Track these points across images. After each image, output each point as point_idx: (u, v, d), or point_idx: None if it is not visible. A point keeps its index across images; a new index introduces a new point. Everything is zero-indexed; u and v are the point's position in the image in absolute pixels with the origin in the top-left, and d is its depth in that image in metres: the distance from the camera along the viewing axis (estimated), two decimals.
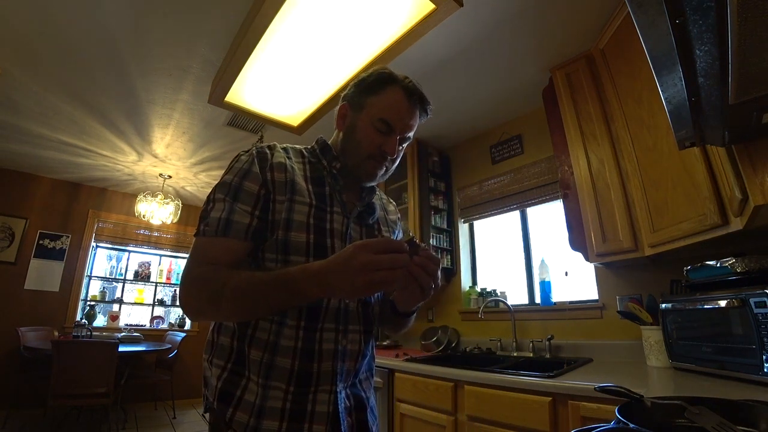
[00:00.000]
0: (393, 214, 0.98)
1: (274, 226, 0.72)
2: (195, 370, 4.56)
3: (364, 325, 0.79)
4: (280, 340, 0.70)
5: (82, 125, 2.87)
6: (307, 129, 2.59)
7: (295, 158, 0.81)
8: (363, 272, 0.57)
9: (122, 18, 1.79)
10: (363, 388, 0.80)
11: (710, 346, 1.24)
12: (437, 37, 1.82)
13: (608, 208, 1.69)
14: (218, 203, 0.71)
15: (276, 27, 1.69)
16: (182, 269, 0.80)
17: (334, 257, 0.61)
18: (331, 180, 0.81)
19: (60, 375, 2.66)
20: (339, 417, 0.71)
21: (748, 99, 0.68)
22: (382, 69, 0.82)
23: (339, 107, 0.85)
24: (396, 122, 0.78)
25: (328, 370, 0.72)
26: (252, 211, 0.71)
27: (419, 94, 0.80)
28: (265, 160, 0.76)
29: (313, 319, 0.72)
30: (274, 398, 0.68)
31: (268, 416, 0.67)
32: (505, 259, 2.64)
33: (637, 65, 1.50)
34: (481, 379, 1.56)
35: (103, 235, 4.39)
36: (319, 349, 0.71)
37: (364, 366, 0.81)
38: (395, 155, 0.80)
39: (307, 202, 0.75)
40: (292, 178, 0.75)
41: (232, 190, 0.72)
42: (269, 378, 0.69)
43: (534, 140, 2.45)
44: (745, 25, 0.52)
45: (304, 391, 0.69)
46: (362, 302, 0.79)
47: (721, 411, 0.58)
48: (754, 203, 0.99)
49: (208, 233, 0.70)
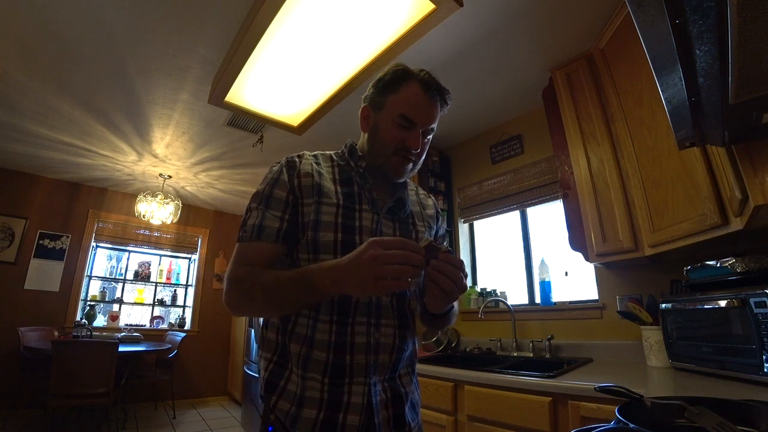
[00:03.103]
0: (431, 209, 0.98)
1: (304, 228, 0.77)
2: (195, 370, 4.56)
3: (398, 320, 0.81)
4: (315, 334, 0.74)
5: (82, 125, 2.87)
6: (307, 129, 2.59)
7: (324, 163, 0.86)
8: (372, 266, 0.58)
9: (122, 18, 1.79)
10: (402, 383, 0.81)
11: (710, 346, 1.24)
12: (437, 37, 1.82)
13: (608, 208, 1.69)
14: (253, 211, 0.79)
15: (276, 27, 1.69)
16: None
17: (349, 254, 0.63)
18: (360, 179, 0.84)
19: (60, 375, 2.66)
20: (373, 409, 0.73)
21: (748, 99, 0.68)
22: (397, 66, 0.83)
23: (361, 109, 0.87)
24: (416, 116, 0.79)
25: (361, 362, 0.74)
26: (282, 215, 0.77)
27: (436, 85, 0.81)
28: (293, 168, 0.81)
29: (344, 314, 0.75)
30: (311, 389, 0.72)
31: (307, 405, 0.72)
32: (505, 259, 2.64)
33: (637, 65, 1.50)
34: (481, 379, 1.56)
35: (103, 235, 4.39)
36: (351, 342, 0.74)
37: (403, 360, 0.82)
38: (419, 148, 0.82)
39: (334, 203, 0.79)
40: (318, 182, 0.80)
41: (264, 198, 0.79)
42: (307, 370, 0.73)
43: (534, 140, 2.45)
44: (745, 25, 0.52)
45: (338, 383, 0.73)
46: (397, 297, 0.81)
47: (721, 411, 0.58)
48: (754, 203, 1.00)
49: (245, 239, 0.77)
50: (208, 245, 5.03)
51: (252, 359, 3.41)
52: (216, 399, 4.61)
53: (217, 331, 4.82)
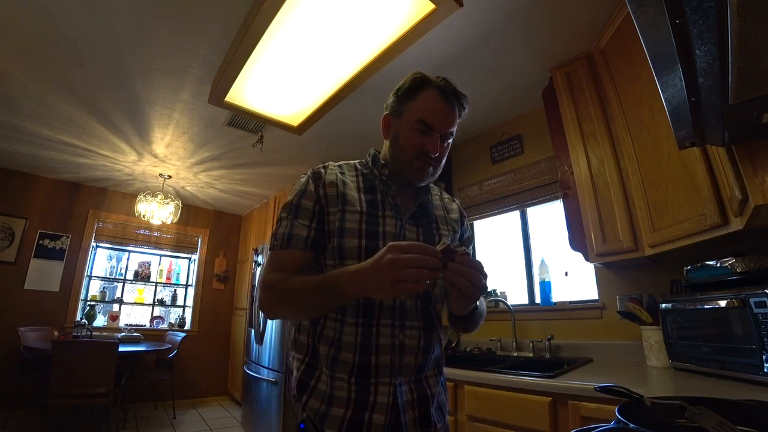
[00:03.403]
0: (455, 213, 1.00)
1: (330, 235, 0.81)
2: (195, 370, 4.56)
3: (423, 322, 0.83)
4: (342, 337, 0.78)
5: (82, 125, 2.87)
6: (307, 129, 2.59)
7: (348, 172, 0.90)
8: (389, 270, 0.61)
9: (122, 18, 1.79)
10: (429, 384, 0.83)
11: (710, 346, 1.24)
12: (437, 37, 1.82)
13: (608, 208, 1.69)
14: (283, 221, 0.84)
15: (276, 27, 1.69)
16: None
17: (370, 258, 0.67)
18: (383, 186, 0.88)
19: (60, 375, 2.66)
20: (398, 409, 0.75)
21: (748, 99, 0.68)
22: (415, 74, 0.87)
23: (382, 117, 0.91)
24: (434, 121, 0.82)
25: (386, 363, 0.77)
26: (309, 224, 0.82)
27: (453, 91, 0.84)
28: (319, 179, 0.85)
29: (369, 316, 0.78)
30: (339, 388, 0.76)
31: (336, 404, 0.75)
32: (505, 259, 2.64)
33: (638, 65, 1.50)
34: (481, 379, 1.56)
35: (103, 235, 4.39)
36: (377, 344, 0.77)
37: (429, 362, 0.84)
38: (438, 152, 0.84)
39: (357, 210, 0.82)
40: (343, 191, 0.84)
41: (293, 208, 0.84)
42: (335, 370, 0.77)
43: (534, 140, 2.45)
44: (745, 25, 0.52)
45: (365, 383, 0.76)
46: (422, 300, 0.84)
47: (721, 411, 0.58)
48: (754, 203, 1.00)
49: (276, 247, 0.82)
50: (208, 245, 5.03)
51: (251, 359, 3.41)
52: (216, 399, 4.61)
53: (217, 331, 4.82)
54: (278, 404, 2.79)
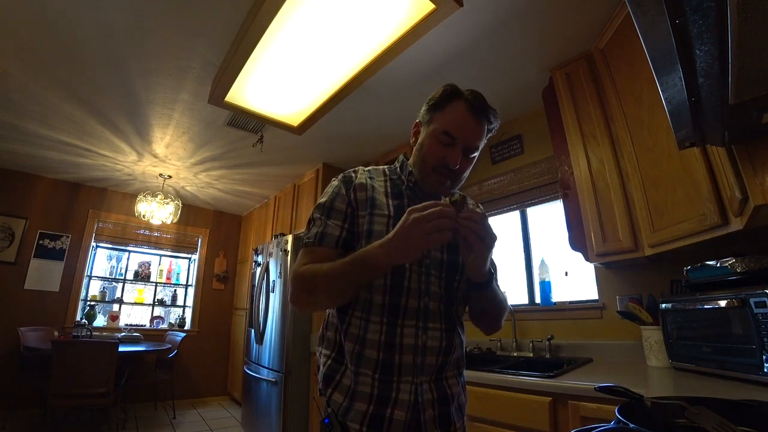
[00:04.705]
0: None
1: (358, 237, 0.85)
2: (195, 370, 4.56)
3: (445, 323, 0.85)
4: (367, 335, 0.81)
5: (82, 125, 2.87)
6: (307, 129, 2.59)
7: (377, 178, 0.93)
8: (417, 227, 0.66)
9: (122, 18, 1.79)
10: (449, 384, 0.85)
11: (710, 346, 1.24)
12: (437, 37, 1.82)
13: (608, 208, 1.69)
14: (317, 221, 0.87)
15: (276, 27, 1.69)
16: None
17: (394, 229, 0.71)
18: (410, 192, 0.91)
19: (60, 375, 2.66)
20: (419, 407, 0.78)
21: (748, 99, 0.68)
22: (447, 85, 0.88)
23: (413, 125, 0.94)
24: (458, 133, 0.83)
25: (409, 362, 0.80)
26: (342, 225, 0.86)
27: (482, 106, 0.84)
28: (350, 183, 0.89)
29: (394, 316, 0.81)
30: (363, 384, 0.79)
31: (359, 399, 0.78)
32: (505, 259, 2.64)
33: (637, 65, 1.50)
34: (481, 379, 1.56)
35: (103, 235, 4.39)
36: (400, 343, 0.80)
37: (450, 363, 0.86)
38: (458, 166, 0.84)
39: (385, 214, 0.85)
40: (372, 195, 0.88)
41: (326, 209, 0.87)
42: (359, 366, 0.80)
43: (534, 140, 2.45)
44: (745, 25, 0.52)
45: (388, 380, 0.79)
46: (444, 302, 0.86)
47: (721, 411, 0.58)
48: (754, 203, 1.00)
49: (309, 244, 0.85)
50: (208, 245, 5.03)
51: (251, 359, 3.41)
52: (216, 399, 4.61)
53: (217, 331, 4.82)
54: (278, 404, 2.79)
